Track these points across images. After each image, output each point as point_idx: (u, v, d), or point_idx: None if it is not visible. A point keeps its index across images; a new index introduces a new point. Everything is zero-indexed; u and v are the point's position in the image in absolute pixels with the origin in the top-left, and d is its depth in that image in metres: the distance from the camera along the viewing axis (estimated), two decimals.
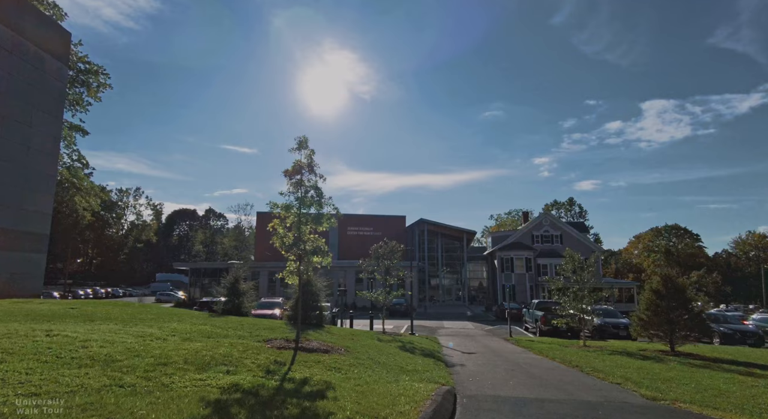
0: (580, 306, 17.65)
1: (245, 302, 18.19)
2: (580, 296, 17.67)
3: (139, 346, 7.36)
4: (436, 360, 11.39)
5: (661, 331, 15.42)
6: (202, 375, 5.91)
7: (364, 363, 8.83)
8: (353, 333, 14.69)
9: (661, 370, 10.71)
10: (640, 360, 12.93)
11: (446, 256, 62.94)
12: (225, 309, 17.93)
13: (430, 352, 13.15)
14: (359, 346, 11.27)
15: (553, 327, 22.84)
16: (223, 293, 18.27)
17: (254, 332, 11.12)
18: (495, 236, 59.38)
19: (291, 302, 16.14)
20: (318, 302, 16.06)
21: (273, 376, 6.37)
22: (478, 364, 11.77)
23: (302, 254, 9.88)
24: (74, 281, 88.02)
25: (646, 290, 16.34)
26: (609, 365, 11.72)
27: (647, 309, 15.87)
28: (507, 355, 14.41)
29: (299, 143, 10.31)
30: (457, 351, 15.19)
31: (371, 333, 16.54)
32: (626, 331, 23.04)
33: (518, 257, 52.05)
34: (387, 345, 12.83)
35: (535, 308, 25.30)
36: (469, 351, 15.49)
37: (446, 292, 63.42)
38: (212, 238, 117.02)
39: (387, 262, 19.44)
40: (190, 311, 16.72)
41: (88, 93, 35.67)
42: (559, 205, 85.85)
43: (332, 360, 8.36)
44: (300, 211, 10.07)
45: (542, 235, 54.12)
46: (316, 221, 10.10)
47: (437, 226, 60.33)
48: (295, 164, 10.01)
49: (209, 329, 10.66)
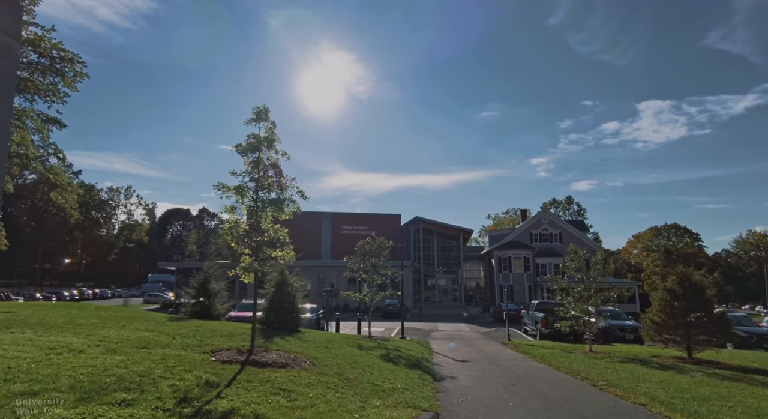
0: (585, 308, 15.99)
1: (216, 303, 16.43)
2: (585, 296, 16.01)
3: (27, 363, 5.65)
4: (423, 373, 9.68)
5: (678, 335, 13.76)
6: (76, 409, 4.19)
7: (329, 380, 7.11)
8: (331, 339, 12.97)
9: (689, 385, 9.02)
10: (658, 370, 11.25)
11: (442, 255, 61.27)
12: (193, 312, 16.19)
13: (417, 361, 11.44)
14: (331, 356, 9.55)
15: (554, 329, 21.17)
16: (192, 294, 16.52)
17: (206, 340, 9.40)
18: (492, 235, 57.68)
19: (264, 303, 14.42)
20: (294, 303, 14.33)
21: (184, 409, 4.65)
22: (472, 377, 10.07)
23: (258, 248, 8.15)
24: (63, 282, 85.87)
25: (659, 290, 14.68)
26: (624, 377, 10.04)
27: (661, 311, 14.21)
28: (506, 363, 12.72)
29: (257, 114, 8.59)
30: (450, 359, 13.49)
31: (354, 339, 14.82)
32: (633, 334, 21.41)
33: (516, 256, 50.40)
34: (367, 354, 11.11)
35: (535, 309, 23.63)
36: (463, 358, 13.79)
37: (442, 292, 61.74)
38: (206, 238, 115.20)
39: (374, 260, 17.72)
40: (150, 314, 14.99)
41: (64, 83, 33.89)
42: (558, 203, 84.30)
43: (286, 378, 6.64)
44: (257, 195, 8.35)
45: (541, 233, 52.47)
46: (277, 207, 8.38)
47: (433, 224, 58.62)
48: (251, 139, 8.28)
49: (151, 336, 8.92)
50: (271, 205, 8.29)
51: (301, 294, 14.95)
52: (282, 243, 8.31)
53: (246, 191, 8.21)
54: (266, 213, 8.30)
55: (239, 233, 8.13)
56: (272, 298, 14.17)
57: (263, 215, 8.28)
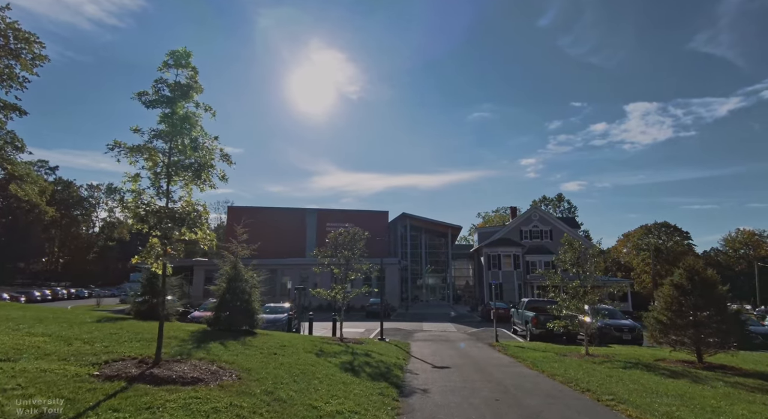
0: (580, 306, 14.29)
1: (165, 302, 14.39)
2: (581, 293, 14.30)
3: None
4: (388, 386, 7.83)
5: (686, 337, 12.09)
6: None
7: (247, 403, 5.21)
8: (289, 343, 11.04)
9: (717, 401, 7.28)
10: (669, 379, 9.54)
11: (430, 253, 59.58)
12: (138, 312, 14.18)
13: (386, 370, 9.58)
14: (272, 367, 7.64)
15: (546, 329, 19.52)
16: (137, 292, 14.50)
17: (114, 346, 7.45)
18: (482, 232, 56.07)
19: (213, 303, 12.43)
20: (249, 302, 12.37)
21: None
22: (449, 389, 8.25)
23: (160, 224, 6.23)
24: (37, 282, 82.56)
25: (665, 286, 13.00)
26: (633, 388, 8.29)
27: (667, 309, 12.54)
28: (491, 370, 10.93)
29: (175, 58, 6.66)
30: (428, 365, 11.67)
31: (320, 342, 12.91)
32: (630, 334, 19.81)
33: (506, 253, 48.87)
34: (325, 362, 9.22)
35: (525, 307, 21.93)
36: (444, 363, 11.97)
37: (431, 291, 60.06)
38: None
39: (347, 253, 15.82)
40: (82, 315, 12.97)
41: (21, 66, 31.51)
42: (548, 201, 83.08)
43: (181, 403, 4.74)
44: (169, 159, 6.42)
45: (531, 230, 51.01)
46: (194, 172, 6.45)
47: (420, 221, 56.82)
48: (161, 86, 6.33)
49: (38, 342, 6.97)
50: (186, 170, 6.38)
51: (258, 291, 12.98)
52: (194, 221, 6.39)
53: (153, 152, 6.28)
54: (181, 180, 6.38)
55: (133, 205, 6.19)
56: (223, 296, 12.20)
57: (177, 180, 6.35)
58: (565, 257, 14.92)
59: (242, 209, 60.18)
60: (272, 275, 49.29)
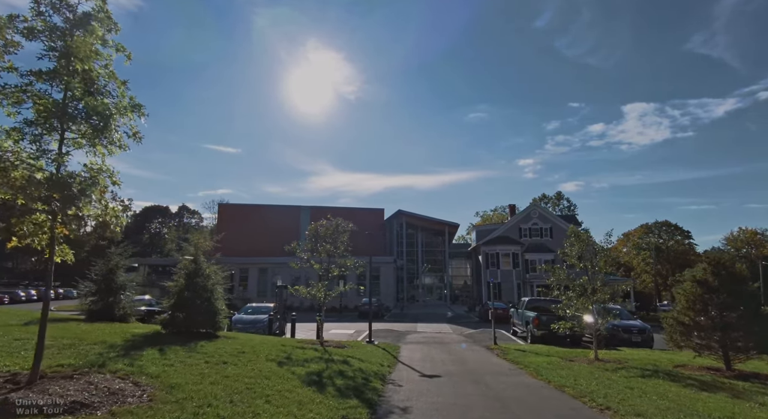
0: (588, 305, 12.73)
1: (123, 301, 12.81)
2: (589, 290, 12.75)
3: None
4: (359, 405, 6.23)
5: (713, 340, 10.54)
6: None
7: None
8: (248, 349, 9.42)
9: None
10: (703, 393, 7.96)
11: (427, 252, 57.94)
12: (91, 312, 12.58)
13: (362, 382, 7.99)
14: (209, 382, 6.04)
15: (548, 331, 17.97)
16: (90, 290, 12.88)
17: (6, 359, 5.84)
18: (480, 231, 54.51)
19: (168, 301, 10.79)
20: (211, 300, 10.76)
21: None
22: (436, 408, 6.67)
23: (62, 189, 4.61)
24: (27, 282, 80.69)
25: (687, 282, 11.43)
26: (664, 406, 6.72)
27: (690, 308, 10.98)
28: (489, 380, 9.36)
29: None
30: (415, 373, 10.09)
31: (291, 347, 11.30)
32: (641, 336, 18.27)
33: (504, 252, 47.30)
34: (287, 373, 7.61)
35: (526, 307, 20.36)
36: (434, 371, 10.39)
37: (428, 291, 58.45)
38: (185, 235, 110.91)
39: (329, 246, 14.23)
40: (12, 316, 11.37)
41: None
42: (547, 199, 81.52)
43: None
44: (63, 107, 4.80)
45: (531, 228, 49.44)
46: (95, 127, 4.83)
47: (417, 218, 55.20)
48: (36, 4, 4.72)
49: None
50: (83, 123, 4.78)
51: (221, 287, 11.36)
52: (86, 187, 4.76)
53: (40, 98, 4.67)
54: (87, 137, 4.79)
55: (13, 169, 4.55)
56: (180, 293, 10.59)
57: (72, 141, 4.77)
58: (571, 251, 13.36)
59: (234, 207, 58.52)
60: (263, 275, 47.74)
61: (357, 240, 39.32)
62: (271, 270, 46.74)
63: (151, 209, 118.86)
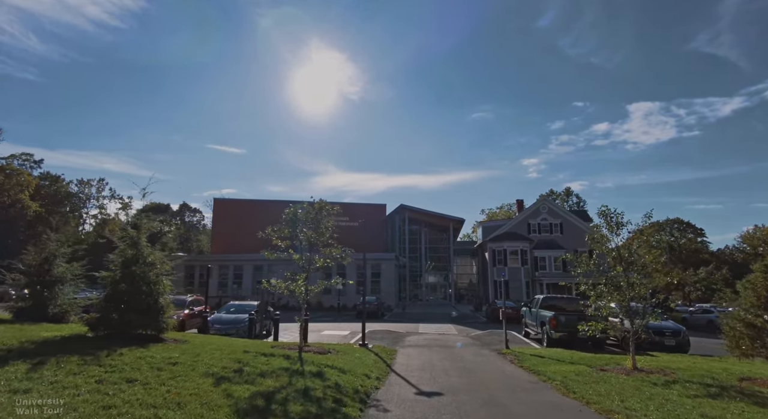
0: (624, 302, 10.41)
1: (60, 296, 10.61)
2: (625, 285, 10.44)
3: None
4: None
5: None
6: None
7: None
8: (187, 358, 7.19)
9: None
10: None
11: (431, 249, 55.58)
12: (19, 311, 10.39)
13: (333, 406, 5.73)
14: (76, 416, 3.81)
15: (567, 332, 15.66)
16: (20, 284, 10.69)
17: None
18: (486, 227, 52.02)
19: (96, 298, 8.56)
20: (153, 295, 8.52)
21: None
22: None
23: None
24: None
25: (756, 273, 9.06)
26: None
27: (760, 306, 8.63)
28: (506, 399, 7.07)
29: None
30: (411, 388, 7.83)
31: (255, 353, 9.02)
32: (674, 339, 15.86)
33: (512, 248, 44.81)
34: (217, 396, 5.34)
35: (541, 306, 18.01)
36: (434, 386, 8.11)
37: (431, 290, 56.08)
38: (187, 234, 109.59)
39: (311, 233, 11.98)
40: None
41: None
42: (556, 195, 78.76)
43: None
44: None
45: (540, 224, 46.93)
46: None
47: (420, 213, 52.81)
48: None
49: None
50: None
51: (166, 278, 9.11)
52: None
53: None
54: None
55: None
56: (114, 286, 8.37)
57: None
58: (600, 238, 11.02)
59: (230, 202, 56.40)
60: (258, 272, 45.57)
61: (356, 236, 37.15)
62: (267, 268, 44.58)
63: (151, 207, 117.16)
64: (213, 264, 45.56)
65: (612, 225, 11.17)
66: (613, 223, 11.09)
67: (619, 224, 11.14)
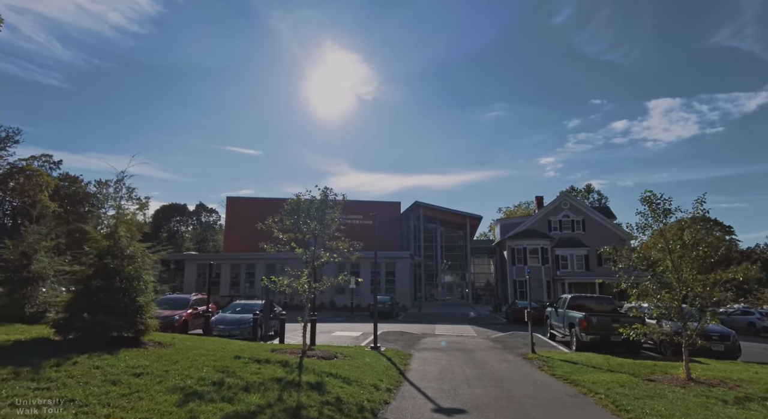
0: (675, 302, 8.97)
1: (38, 294, 9.63)
2: (674, 281, 8.99)
3: None
4: None
5: None
6: None
7: None
8: (156, 369, 6.08)
9: None
10: None
11: (447, 247, 54.04)
12: None
13: None
14: None
15: (600, 335, 14.18)
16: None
17: None
18: (504, 224, 50.22)
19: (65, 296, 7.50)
20: (131, 291, 7.43)
21: None
22: None
23: None
24: None
25: None
26: None
27: None
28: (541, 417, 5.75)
29: None
30: (428, 402, 6.57)
31: (247, 359, 7.87)
32: (723, 344, 14.17)
33: (532, 247, 42.97)
34: None
35: (568, 306, 16.51)
36: (455, 400, 6.83)
37: (448, 290, 54.55)
38: (203, 233, 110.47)
39: (315, 224, 10.80)
40: None
41: None
42: (576, 192, 76.32)
43: None
44: None
45: (561, 221, 44.99)
46: None
47: (435, 210, 51.35)
48: None
49: None
50: None
51: (149, 275, 8.01)
52: None
53: None
54: None
55: None
56: (87, 283, 7.30)
57: None
58: (646, 223, 9.58)
59: (243, 201, 55.88)
60: (270, 271, 44.76)
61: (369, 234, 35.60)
62: (279, 266, 43.74)
63: (168, 207, 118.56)
64: (225, 263, 44.98)
65: (657, 213, 9.73)
66: (660, 210, 9.64)
67: (667, 212, 9.71)
